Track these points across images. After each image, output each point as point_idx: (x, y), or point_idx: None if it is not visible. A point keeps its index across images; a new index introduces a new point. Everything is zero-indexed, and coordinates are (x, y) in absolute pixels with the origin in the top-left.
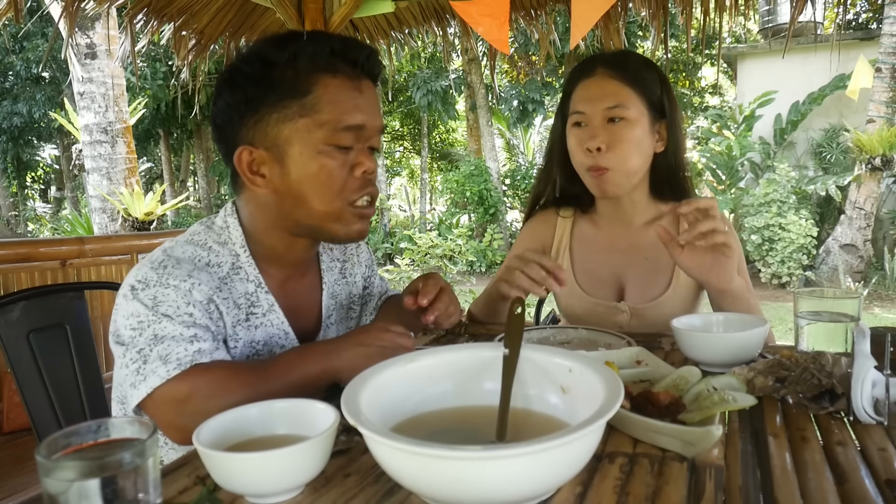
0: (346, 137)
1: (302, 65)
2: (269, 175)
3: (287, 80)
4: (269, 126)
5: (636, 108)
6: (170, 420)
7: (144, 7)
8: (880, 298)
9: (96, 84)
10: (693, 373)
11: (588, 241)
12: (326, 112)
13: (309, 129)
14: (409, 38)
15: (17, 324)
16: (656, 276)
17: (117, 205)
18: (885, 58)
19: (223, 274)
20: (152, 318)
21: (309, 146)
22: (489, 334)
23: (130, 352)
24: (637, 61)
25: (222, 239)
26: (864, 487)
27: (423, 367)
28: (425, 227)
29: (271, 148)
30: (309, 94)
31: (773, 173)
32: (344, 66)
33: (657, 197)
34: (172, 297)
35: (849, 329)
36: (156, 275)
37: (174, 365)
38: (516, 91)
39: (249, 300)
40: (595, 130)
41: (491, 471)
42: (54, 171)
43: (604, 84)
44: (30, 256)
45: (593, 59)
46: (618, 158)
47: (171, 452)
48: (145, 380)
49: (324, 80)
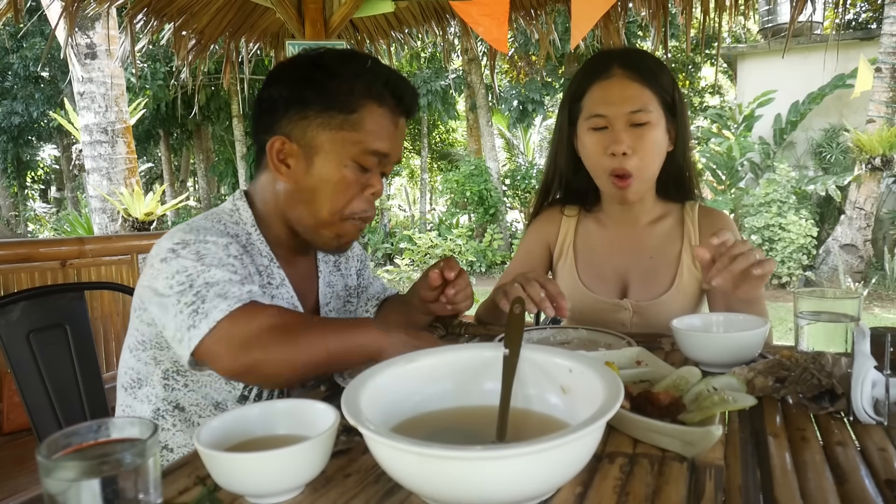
0: (370, 160)
1: (359, 86)
2: (294, 168)
3: (341, 93)
4: (310, 127)
5: (656, 110)
6: (233, 353)
7: (144, 7)
8: (880, 298)
9: (96, 84)
10: (693, 373)
11: (592, 239)
12: (363, 133)
13: (343, 142)
14: (409, 38)
15: (17, 324)
16: (660, 275)
17: (117, 205)
18: (885, 58)
19: (243, 243)
20: (201, 269)
21: (338, 156)
22: (489, 334)
23: (185, 298)
24: (652, 62)
25: (234, 220)
26: (864, 487)
27: (423, 367)
28: (425, 227)
29: (305, 146)
30: (354, 113)
31: (773, 173)
32: (390, 100)
33: (662, 195)
34: (214, 250)
35: (849, 329)
36: (192, 236)
37: (234, 300)
38: (516, 91)
39: (266, 271)
40: (619, 135)
41: (491, 471)
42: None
43: (624, 86)
44: (30, 257)
45: (607, 58)
46: (642, 163)
47: (170, 453)
48: (206, 316)
49: (371, 106)
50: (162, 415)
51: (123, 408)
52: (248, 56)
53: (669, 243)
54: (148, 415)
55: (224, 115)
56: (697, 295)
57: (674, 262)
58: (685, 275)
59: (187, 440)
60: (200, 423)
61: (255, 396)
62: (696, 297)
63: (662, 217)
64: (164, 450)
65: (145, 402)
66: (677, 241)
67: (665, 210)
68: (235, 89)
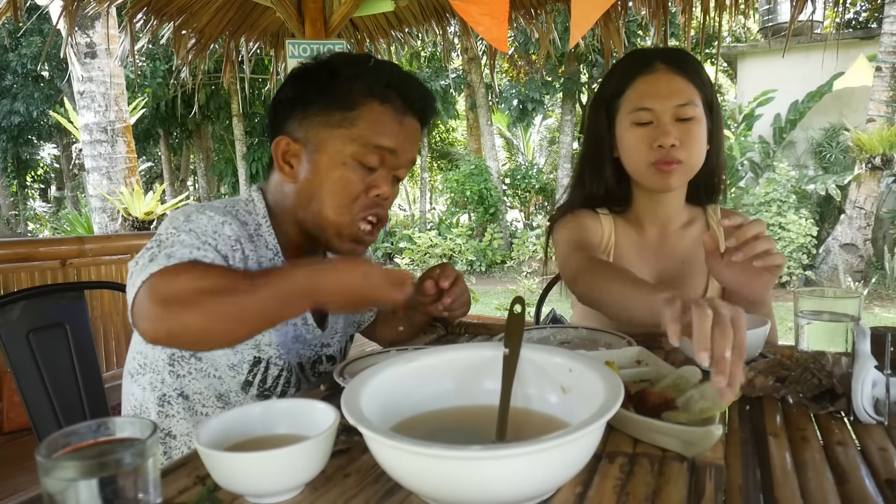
0: (372, 158)
1: (360, 85)
2: (297, 168)
3: (342, 92)
4: (311, 125)
5: (700, 106)
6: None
7: (144, 6)
8: (880, 298)
9: (96, 83)
10: (693, 373)
11: (629, 241)
12: (361, 129)
13: (342, 139)
14: (409, 37)
15: (17, 324)
16: (692, 280)
17: (117, 204)
18: (885, 57)
19: (251, 231)
20: (174, 232)
21: (337, 154)
22: (489, 334)
23: (143, 258)
24: (692, 59)
25: (248, 209)
26: (864, 487)
27: (423, 367)
28: (425, 226)
29: (306, 145)
30: (353, 110)
31: (773, 173)
32: (395, 99)
33: (690, 199)
34: (204, 221)
35: (849, 329)
36: (195, 208)
37: (176, 259)
38: (516, 90)
39: (271, 263)
40: (666, 128)
41: (491, 471)
42: (54, 171)
43: (670, 81)
44: (30, 256)
45: (648, 55)
46: (690, 156)
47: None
48: (145, 269)
49: (371, 104)
50: (168, 401)
51: (128, 396)
52: (247, 55)
53: (700, 248)
54: (153, 401)
55: (224, 114)
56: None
57: (705, 267)
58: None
59: (189, 428)
60: (203, 413)
61: (258, 382)
62: None
63: (691, 222)
64: (168, 437)
65: (149, 388)
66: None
67: (692, 215)
68: (235, 88)
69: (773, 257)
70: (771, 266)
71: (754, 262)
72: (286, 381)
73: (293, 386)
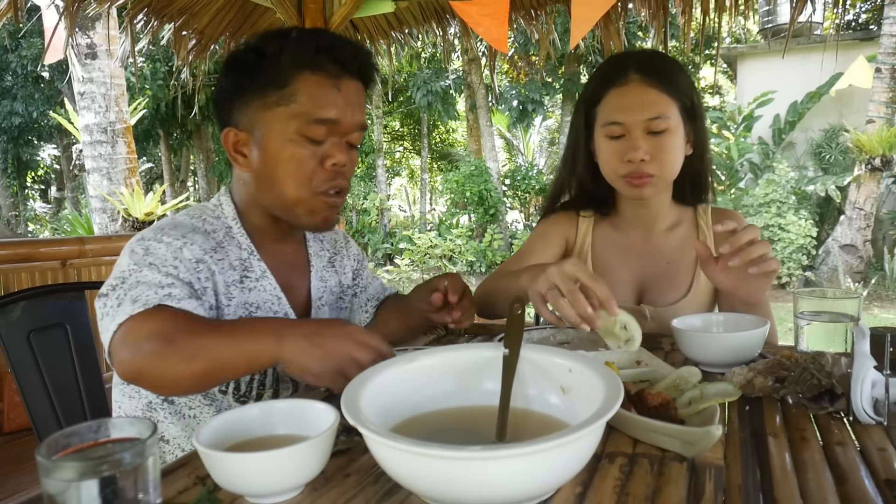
0: (318, 131)
1: (286, 58)
2: (249, 156)
3: (272, 70)
4: (251, 111)
5: (675, 116)
6: (123, 357)
7: (144, 7)
8: (880, 299)
9: (96, 84)
10: (693, 373)
11: (609, 243)
12: (301, 104)
13: (284, 118)
14: (409, 38)
15: (17, 324)
16: (676, 280)
17: (117, 205)
18: (885, 58)
19: (219, 238)
20: (134, 269)
21: (282, 134)
22: (489, 334)
23: (110, 300)
24: (671, 65)
25: (216, 214)
26: (863, 487)
27: (423, 367)
28: (425, 227)
29: (253, 131)
30: (287, 86)
31: (773, 174)
32: (327, 64)
33: (678, 200)
34: (163, 250)
35: (848, 329)
36: (152, 233)
37: (141, 304)
38: (516, 91)
39: (243, 265)
40: (636, 142)
41: (491, 471)
42: (54, 171)
43: (642, 93)
44: (30, 256)
45: (625, 62)
46: (661, 169)
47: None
48: (113, 320)
49: (303, 75)
50: (154, 408)
51: (118, 405)
52: None
53: (686, 248)
54: (140, 409)
55: None
56: (712, 301)
57: (690, 267)
58: (702, 280)
59: (180, 431)
60: (191, 415)
61: (233, 389)
62: (712, 303)
63: (678, 223)
64: (161, 441)
65: (136, 396)
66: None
67: (680, 215)
68: None
69: (768, 263)
70: (766, 271)
71: (749, 269)
72: (260, 384)
73: (269, 388)
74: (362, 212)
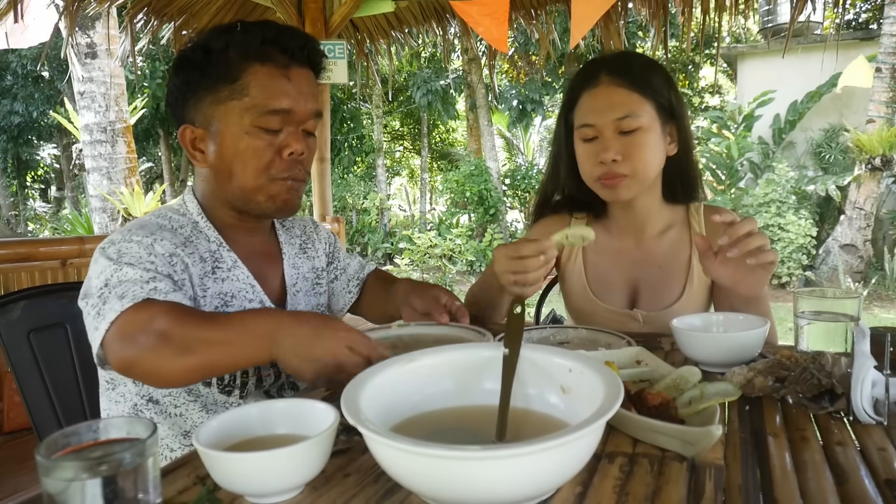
0: (272, 121)
1: (234, 52)
2: (206, 151)
3: (221, 65)
4: (205, 107)
5: (647, 114)
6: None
7: (145, 7)
8: (880, 298)
9: (96, 83)
10: (693, 373)
11: (601, 246)
12: (253, 97)
13: (237, 111)
14: (409, 37)
15: (17, 324)
16: (670, 284)
17: (117, 204)
18: (885, 58)
19: (187, 234)
20: (114, 268)
21: (237, 127)
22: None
23: (92, 299)
24: (642, 64)
25: (181, 212)
26: (863, 487)
27: (423, 367)
28: (425, 227)
29: (208, 127)
30: (238, 80)
31: (773, 173)
32: (275, 55)
33: (669, 200)
34: (135, 249)
35: (849, 329)
36: (120, 235)
37: (129, 300)
38: (516, 91)
39: (213, 256)
40: (607, 143)
41: (491, 471)
42: (54, 171)
43: (611, 93)
44: (30, 256)
45: (596, 66)
46: (635, 168)
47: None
48: (104, 318)
49: (252, 68)
50: (140, 410)
51: (106, 412)
52: None
53: (678, 251)
54: (127, 412)
55: None
56: (707, 303)
57: (683, 270)
58: (695, 282)
59: (167, 431)
60: (177, 413)
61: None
62: (706, 305)
63: (670, 226)
64: None
65: (121, 401)
66: (686, 247)
67: (671, 217)
68: None
69: (766, 254)
70: (764, 262)
71: (747, 260)
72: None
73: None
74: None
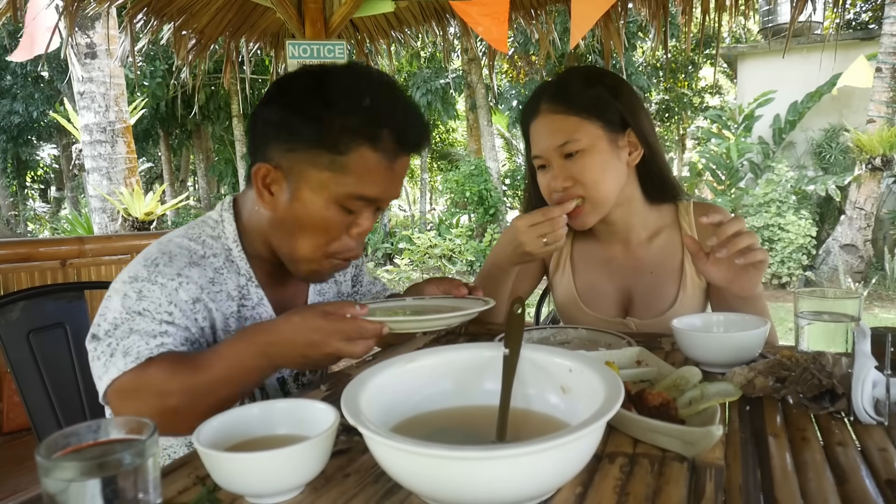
0: (356, 204)
1: (351, 124)
2: (277, 197)
3: (332, 131)
4: (297, 160)
5: (588, 134)
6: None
7: (144, 7)
8: (880, 298)
9: (96, 84)
10: (693, 373)
11: (589, 256)
12: (351, 178)
13: (328, 183)
14: (409, 37)
15: (17, 324)
16: (662, 291)
17: (117, 205)
18: (885, 58)
19: (218, 265)
20: (126, 317)
21: (322, 196)
22: (489, 334)
23: (101, 346)
24: (577, 83)
25: (216, 233)
26: (864, 488)
27: (423, 367)
28: (425, 227)
29: (289, 175)
30: (343, 155)
31: (773, 173)
32: (388, 142)
33: (652, 202)
34: (157, 293)
35: (849, 329)
36: (146, 271)
37: (133, 358)
38: (516, 91)
39: (241, 293)
40: (556, 171)
41: (491, 471)
42: (54, 171)
43: (549, 122)
44: (30, 256)
45: (537, 95)
46: (587, 187)
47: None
48: (107, 371)
49: (361, 150)
50: None
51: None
52: (248, 56)
53: (670, 255)
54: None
55: (224, 114)
56: (702, 307)
57: (676, 274)
58: (689, 286)
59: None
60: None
61: None
62: (703, 308)
63: (659, 230)
64: None
65: None
66: (677, 250)
67: (660, 221)
68: (235, 89)
69: (754, 253)
70: (754, 261)
71: (736, 260)
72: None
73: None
74: None
